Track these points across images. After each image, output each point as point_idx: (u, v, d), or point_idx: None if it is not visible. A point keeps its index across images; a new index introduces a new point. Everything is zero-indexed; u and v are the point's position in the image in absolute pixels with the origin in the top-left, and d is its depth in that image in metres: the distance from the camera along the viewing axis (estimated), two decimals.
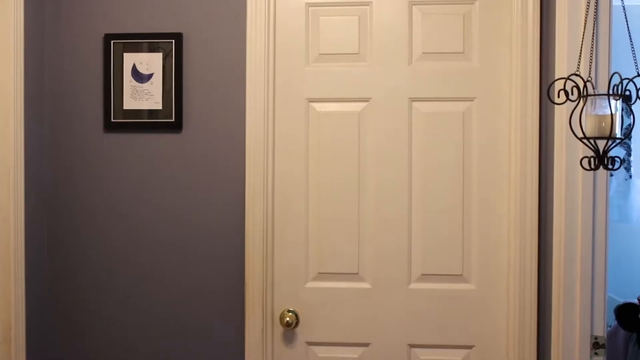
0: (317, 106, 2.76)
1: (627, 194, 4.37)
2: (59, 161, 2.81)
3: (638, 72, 1.73)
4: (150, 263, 2.79)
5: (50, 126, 2.81)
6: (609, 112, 1.71)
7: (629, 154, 4.36)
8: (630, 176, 4.39)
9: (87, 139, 2.80)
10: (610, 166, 1.76)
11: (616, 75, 1.74)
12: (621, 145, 4.23)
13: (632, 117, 1.87)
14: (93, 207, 2.80)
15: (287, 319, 2.75)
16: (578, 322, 2.42)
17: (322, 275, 2.78)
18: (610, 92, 1.72)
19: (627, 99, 1.75)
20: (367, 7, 2.75)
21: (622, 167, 4.26)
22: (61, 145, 2.81)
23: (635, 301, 3.39)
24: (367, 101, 2.75)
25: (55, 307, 2.82)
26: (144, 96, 2.76)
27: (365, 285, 2.77)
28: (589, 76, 1.80)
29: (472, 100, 2.71)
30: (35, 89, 2.74)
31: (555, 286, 2.47)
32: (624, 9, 1.81)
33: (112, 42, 2.77)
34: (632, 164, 4.36)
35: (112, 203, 2.80)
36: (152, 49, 2.76)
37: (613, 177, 4.33)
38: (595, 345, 2.42)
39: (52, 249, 2.82)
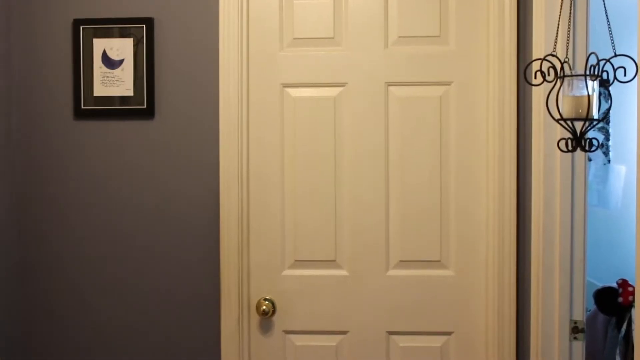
0: (292, 91, 2.72)
1: (606, 178, 4.37)
2: (27, 150, 2.75)
3: (615, 53, 1.70)
4: (123, 251, 2.74)
5: (18, 114, 2.75)
6: (586, 93, 1.69)
7: (607, 139, 4.36)
8: (609, 161, 4.38)
9: (57, 127, 2.74)
10: (587, 148, 1.73)
11: (593, 56, 1.72)
12: (599, 130, 4.24)
13: (609, 100, 1.84)
14: (62, 196, 2.75)
15: (264, 307, 2.71)
16: (557, 307, 2.42)
17: (298, 263, 2.74)
18: (587, 72, 1.70)
19: (605, 83, 1.72)
20: None
21: (600, 151, 4.29)
22: (30, 133, 2.74)
23: (614, 285, 3.39)
24: (343, 86, 2.71)
25: (23, 298, 2.77)
26: (114, 82, 2.70)
27: (342, 272, 2.74)
28: (566, 57, 1.78)
29: (449, 84, 2.68)
30: (1, 76, 2.67)
31: (534, 271, 2.46)
32: None
33: (81, 27, 2.70)
34: (610, 148, 4.36)
35: (82, 192, 2.74)
36: (122, 34, 2.70)
37: (592, 162, 4.32)
38: (575, 329, 2.41)
39: (20, 242, 2.76)
